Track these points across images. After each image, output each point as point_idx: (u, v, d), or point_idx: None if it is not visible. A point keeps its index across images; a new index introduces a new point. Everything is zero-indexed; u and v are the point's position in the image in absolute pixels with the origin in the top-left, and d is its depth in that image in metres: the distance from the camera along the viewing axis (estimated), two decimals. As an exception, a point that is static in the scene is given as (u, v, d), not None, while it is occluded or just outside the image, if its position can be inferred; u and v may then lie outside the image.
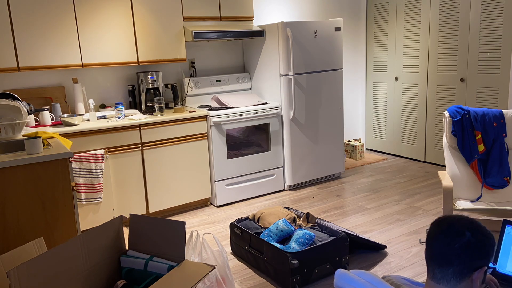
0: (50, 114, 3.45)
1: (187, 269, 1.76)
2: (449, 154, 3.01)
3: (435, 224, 1.26)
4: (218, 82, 4.28)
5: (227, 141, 3.85)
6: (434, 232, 1.24)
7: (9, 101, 2.73)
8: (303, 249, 2.50)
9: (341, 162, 4.53)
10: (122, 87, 3.95)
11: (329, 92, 4.29)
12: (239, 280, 2.67)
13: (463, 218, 1.23)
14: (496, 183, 2.92)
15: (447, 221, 1.24)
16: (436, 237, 1.22)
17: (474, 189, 2.97)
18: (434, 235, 1.23)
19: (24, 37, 3.20)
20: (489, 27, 4.08)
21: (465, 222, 1.21)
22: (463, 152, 2.97)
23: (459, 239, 1.18)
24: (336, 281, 1.31)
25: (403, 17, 4.91)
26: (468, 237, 1.18)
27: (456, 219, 1.23)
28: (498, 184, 2.92)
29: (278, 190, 4.23)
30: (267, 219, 2.95)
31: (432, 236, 1.24)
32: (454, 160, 3.00)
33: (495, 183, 2.93)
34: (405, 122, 5.07)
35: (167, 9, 3.73)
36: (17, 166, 2.15)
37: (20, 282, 1.52)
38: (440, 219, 1.26)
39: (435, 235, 1.23)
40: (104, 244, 1.89)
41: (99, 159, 3.25)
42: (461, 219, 1.23)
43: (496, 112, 2.98)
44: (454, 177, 2.96)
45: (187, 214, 3.78)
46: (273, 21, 4.72)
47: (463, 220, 1.22)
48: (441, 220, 1.26)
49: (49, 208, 2.25)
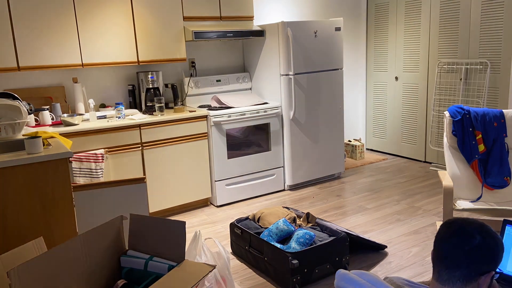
0: (50, 114, 3.44)
1: (187, 269, 1.76)
2: (449, 154, 3.01)
3: (445, 226, 1.25)
4: (218, 82, 4.28)
5: (227, 141, 3.85)
6: (444, 233, 1.23)
7: (9, 101, 2.73)
8: (303, 249, 2.50)
9: (341, 162, 4.52)
10: (122, 87, 3.95)
11: (329, 92, 4.29)
12: (239, 280, 2.66)
13: (474, 221, 1.22)
14: (497, 183, 2.92)
15: (457, 223, 1.22)
16: (446, 239, 1.21)
17: (475, 189, 2.97)
18: (443, 237, 1.22)
19: (24, 36, 3.20)
20: (489, 27, 4.07)
21: (476, 226, 1.20)
22: (463, 152, 2.97)
23: (469, 242, 1.17)
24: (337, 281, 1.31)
25: (403, 17, 4.91)
26: (478, 241, 1.17)
27: (467, 222, 1.22)
28: (498, 184, 2.92)
29: (278, 190, 4.23)
30: (267, 219, 2.95)
31: (441, 237, 1.23)
32: (455, 160, 3.00)
33: (495, 183, 2.93)
34: (405, 122, 5.07)
35: (167, 9, 3.72)
36: (17, 166, 2.15)
37: (20, 282, 1.51)
38: (451, 221, 1.25)
39: (445, 237, 1.22)
40: (104, 244, 1.89)
41: (99, 159, 3.24)
42: (472, 222, 1.22)
43: (497, 112, 2.97)
44: (455, 177, 2.96)
45: (187, 214, 3.78)
46: (273, 21, 4.71)
47: (474, 223, 1.21)
48: (451, 222, 1.24)
49: (49, 208, 2.25)
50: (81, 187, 2.31)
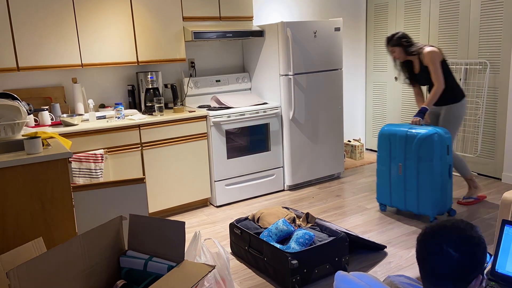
0: (49, 114, 3.44)
1: (187, 269, 1.76)
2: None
3: (421, 243, 1.20)
4: (218, 82, 4.28)
5: (227, 141, 3.85)
6: (422, 253, 1.19)
7: (8, 101, 2.73)
8: (302, 249, 2.50)
9: (341, 162, 4.53)
10: (121, 87, 3.95)
11: (329, 92, 4.29)
12: (239, 280, 2.67)
13: (449, 233, 1.16)
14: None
15: (433, 240, 1.17)
16: (425, 259, 1.18)
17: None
18: (422, 257, 1.19)
19: (24, 37, 3.20)
20: (489, 27, 4.08)
21: (450, 240, 1.15)
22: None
23: (448, 262, 1.14)
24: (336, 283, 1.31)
25: (403, 17, 4.91)
26: (456, 259, 1.13)
27: (442, 236, 1.16)
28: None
29: (277, 190, 4.23)
30: (266, 219, 2.95)
31: (421, 257, 1.19)
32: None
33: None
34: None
35: (166, 9, 3.72)
36: (16, 166, 2.15)
37: (20, 282, 1.51)
38: (425, 236, 1.19)
39: (424, 257, 1.18)
40: (103, 244, 1.89)
41: (98, 159, 3.24)
42: (447, 234, 1.16)
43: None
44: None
45: (187, 214, 3.78)
46: (273, 21, 4.71)
47: (449, 235, 1.16)
48: (426, 238, 1.19)
49: (48, 208, 2.25)
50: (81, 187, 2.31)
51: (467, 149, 4.41)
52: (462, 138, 4.45)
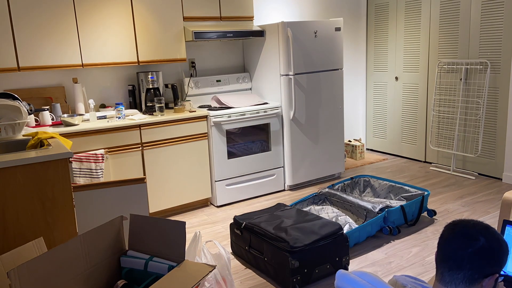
0: (50, 114, 3.44)
1: (187, 269, 1.76)
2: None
3: (449, 227, 1.24)
4: (218, 82, 4.28)
5: (227, 141, 3.85)
6: (448, 235, 1.22)
7: (9, 101, 2.73)
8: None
9: (341, 162, 4.52)
10: (122, 87, 3.95)
11: (329, 92, 4.28)
12: (239, 280, 2.66)
13: (478, 223, 1.22)
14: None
15: (461, 225, 1.22)
16: (449, 240, 1.21)
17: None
18: (447, 238, 1.22)
19: (24, 37, 3.20)
20: (489, 27, 4.07)
21: (480, 228, 1.20)
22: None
23: (472, 244, 1.16)
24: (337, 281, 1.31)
25: (403, 17, 4.91)
26: (482, 243, 1.16)
27: (471, 223, 1.21)
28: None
29: (278, 190, 4.23)
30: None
31: (445, 239, 1.22)
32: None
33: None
34: (405, 122, 5.07)
35: (167, 9, 3.72)
36: (17, 166, 2.15)
37: (20, 282, 1.51)
38: (455, 223, 1.24)
39: (448, 238, 1.21)
40: (104, 244, 1.89)
41: (99, 159, 3.24)
42: (476, 224, 1.21)
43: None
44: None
45: (187, 214, 3.78)
46: (273, 21, 4.71)
47: (478, 225, 1.21)
48: (455, 223, 1.24)
49: (49, 208, 2.25)
50: (81, 187, 2.30)
51: (468, 149, 4.41)
52: (463, 138, 4.44)
